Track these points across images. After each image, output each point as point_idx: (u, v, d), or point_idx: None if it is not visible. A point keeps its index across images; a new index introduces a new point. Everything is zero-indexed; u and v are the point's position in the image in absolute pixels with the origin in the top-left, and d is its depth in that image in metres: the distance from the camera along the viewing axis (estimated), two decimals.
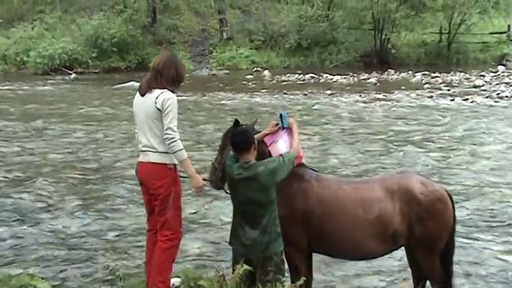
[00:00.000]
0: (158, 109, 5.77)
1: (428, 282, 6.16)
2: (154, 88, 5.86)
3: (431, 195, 5.82)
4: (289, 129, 5.97)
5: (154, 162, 5.89)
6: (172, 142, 5.71)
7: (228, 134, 5.88)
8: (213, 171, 5.82)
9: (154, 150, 5.87)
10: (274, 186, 5.54)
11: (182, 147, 5.78)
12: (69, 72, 38.02)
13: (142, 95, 5.93)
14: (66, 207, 10.38)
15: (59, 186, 11.72)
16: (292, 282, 5.62)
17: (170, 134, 5.71)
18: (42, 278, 6.49)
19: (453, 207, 5.99)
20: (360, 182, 6.51)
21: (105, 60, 40.61)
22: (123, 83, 30.57)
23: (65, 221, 9.64)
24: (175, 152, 5.75)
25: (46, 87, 31.32)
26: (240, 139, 5.59)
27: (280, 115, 6.04)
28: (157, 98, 5.79)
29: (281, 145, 5.86)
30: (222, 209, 9.81)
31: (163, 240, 5.98)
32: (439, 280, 6.00)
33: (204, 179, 5.96)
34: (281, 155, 5.64)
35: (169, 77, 5.90)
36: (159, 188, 5.87)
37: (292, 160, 5.62)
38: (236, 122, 5.83)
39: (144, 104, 5.90)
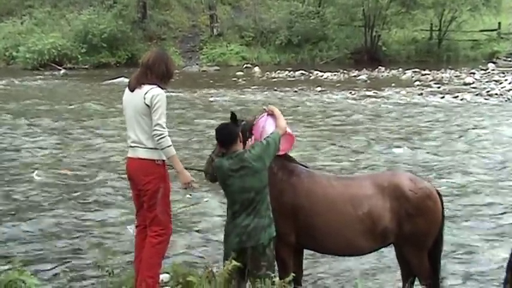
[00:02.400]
0: (147, 105, 5.76)
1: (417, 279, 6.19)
2: (143, 84, 5.84)
3: (421, 192, 5.84)
4: (271, 115, 5.94)
5: (142, 158, 5.88)
6: (160, 138, 5.70)
7: None
8: (210, 163, 5.84)
9: (142, 146, 5.86)
10: (265, 170, 5.58)
11: (170, 143, 5.77)
12: (59, 67, 37.86)
13: (132, 90, 5.92)
14: (56, 203, 10.35)
15: (48, 182, 11.68)
16: (280, 277, 5.62)
17: (159, 130, 5.70)
18: (31, 274, 6.46)
19: (442, 204, 6.02)
20: (350, 179, 6.53)
21: (94, 56, 40.42)
22: (113, 78, 30.49)
23: (54, 216, 9.60)
24: (163, 148, 5.74)
25: (35, 83, 31.17)
26: (225, 133, 5.67)
27: None
28: (146, 94, 5.77)
29: (269, 129, 5.83)
30: (212, 205, 9.80)
31: (153, 236, 5.97)
32: (427, 276, 6.02)
33: (199, 170, 5.97)
34: (265, 138, 5.67)
35: (159, 73, 5.88)
36: (148, 184, 5.86)
37: (276, 138, 5.65)
38: (233, 115, 5.84)
39: (133, 100, 5.88)
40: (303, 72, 34.76)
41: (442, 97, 24.25)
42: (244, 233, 5.55)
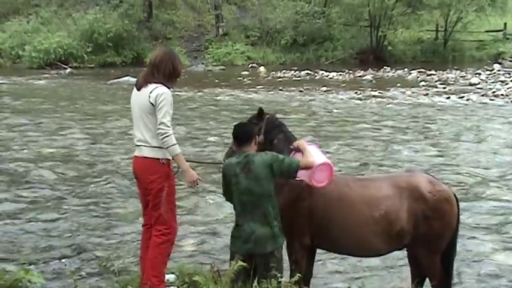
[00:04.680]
0: (152, 104, 5.75)
1: (427, 280, 6.16)
2: (150, 83, 5.84)
3: (439, 195, 5.82)
4: (298, 151, 5.81)
5: (147, 157, 5.87)
6: (165, 137, 5.69)
7: (252, 120, 6.02)
8: (230, 154, 5.90)
9: (147, 144, 5.86)
10: (268, 180, 5.46)
11: (175, 142, 5.76)
12: (65, 66, 37.94)
13: (139, 89, 5.92)
14: (61, 202, 10.35)
15: (54, 181, 11.69)
16: (291, 277, 5.60)
17: (163, 129, 5.69)
18: (37, 273, 6.47)
19: (458, 208, 6.00)
20: (367, 180, 6.47)
21: (100, 55, 40.51)
22: (119, 78, 30.55)
23: (60, 215, 9.61)
24: (168, 146, 5.73)
25: (41, 82, 31.23)
26: (242, 130, 5.68)
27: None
28: (151, 92, 5.77)
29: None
30: (218, 205, 9.79)
31: (157, 235, 5.97)
32: (438, 279, 5.99)
33: (217, 163, 5.98)
34: (285, 156, 5.60)
35: (166, 72, 5.88)
36: (152, 183, 5.86)
37: (294, 166, 5.50)
38: (260, 110, 5.97)
39: (139, 99, 5.88)
40: (309, 72, 34.76)
41: (448, 97, 24.22)
42: (250, 241, 5.48)
